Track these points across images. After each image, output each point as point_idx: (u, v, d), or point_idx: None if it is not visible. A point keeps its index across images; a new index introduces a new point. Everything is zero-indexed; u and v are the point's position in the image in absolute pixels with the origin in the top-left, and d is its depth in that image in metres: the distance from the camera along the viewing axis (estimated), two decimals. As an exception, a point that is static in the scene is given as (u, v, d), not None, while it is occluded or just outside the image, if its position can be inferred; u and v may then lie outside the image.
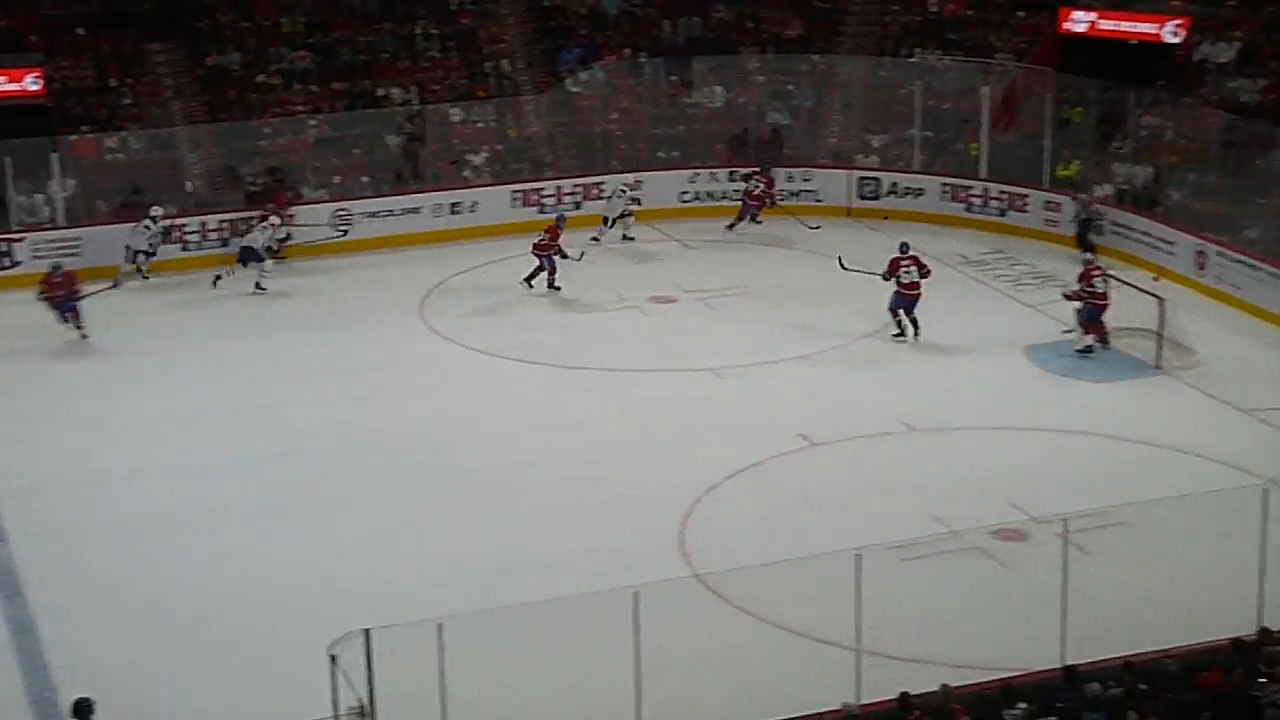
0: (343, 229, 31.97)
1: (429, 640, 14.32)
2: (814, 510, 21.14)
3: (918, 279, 26.91)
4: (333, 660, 14.57)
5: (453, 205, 33.32)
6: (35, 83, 33.17)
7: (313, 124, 34.50)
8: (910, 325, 27.02)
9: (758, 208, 33.20)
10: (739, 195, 33.58)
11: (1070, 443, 23.38)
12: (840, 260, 28.36)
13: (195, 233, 31.95)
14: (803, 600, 17.77)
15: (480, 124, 35.47)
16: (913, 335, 27.02)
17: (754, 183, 33.33)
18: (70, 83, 34.11)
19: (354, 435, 23.82)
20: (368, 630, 14.23)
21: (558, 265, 29.66)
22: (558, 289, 29.68)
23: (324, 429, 24.02)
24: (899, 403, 24.59)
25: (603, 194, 33.55)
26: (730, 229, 33.01)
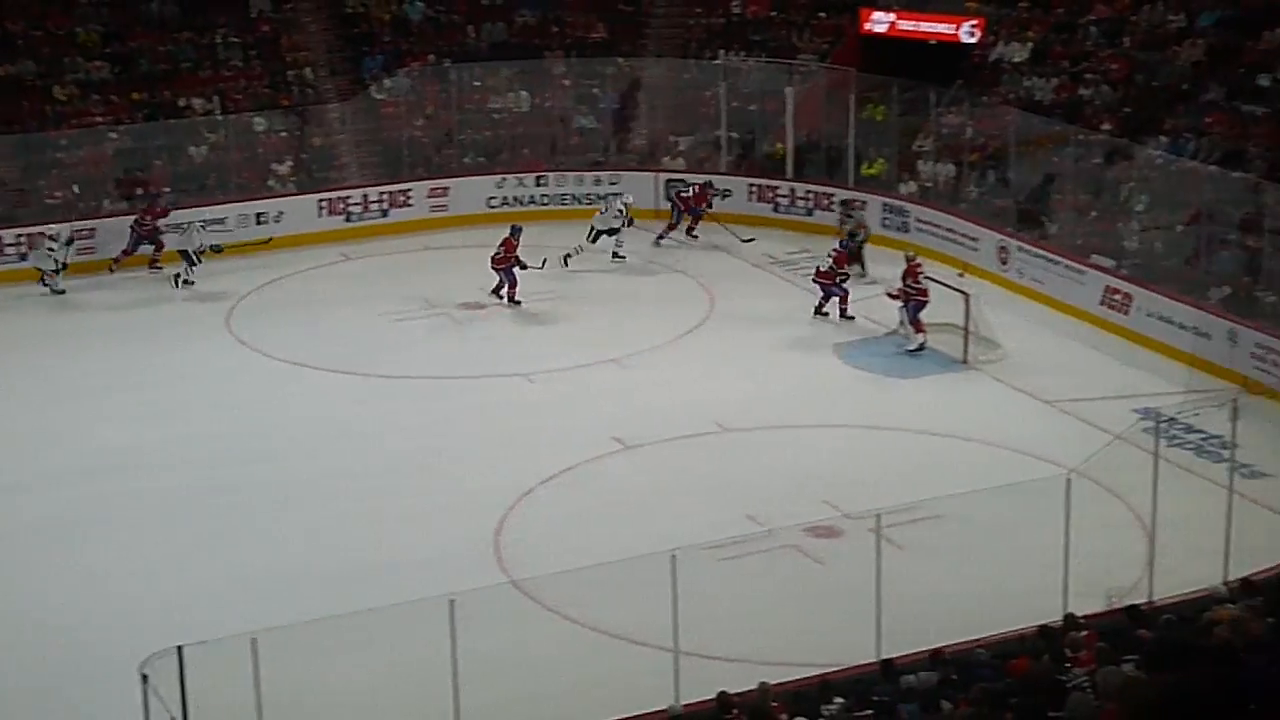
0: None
1: (243, 655, 14.11)
2: (629, 512, 21.18)
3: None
4: (144, 679, 14.28)
5: (258, 215, 32.89)
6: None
7: (113, 136, 33.81)
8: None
9: (684, 210, 32.76)
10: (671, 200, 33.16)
11: (881, 439, 23.68)
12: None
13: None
14: (620, 603, 17.79)
15: (284, 133, 35.06)
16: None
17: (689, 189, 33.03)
18: None
19: (163, 451, 23.42)
20: (180, 647, 14.03)
21: (518, 278, 29.25)
22: (518, 303, 29.16)
23: (131, 445, 23.59)
24: (711, 403, 24.71)
25: (409, 201, 33.46)
26: (659, 240, 32.64)
